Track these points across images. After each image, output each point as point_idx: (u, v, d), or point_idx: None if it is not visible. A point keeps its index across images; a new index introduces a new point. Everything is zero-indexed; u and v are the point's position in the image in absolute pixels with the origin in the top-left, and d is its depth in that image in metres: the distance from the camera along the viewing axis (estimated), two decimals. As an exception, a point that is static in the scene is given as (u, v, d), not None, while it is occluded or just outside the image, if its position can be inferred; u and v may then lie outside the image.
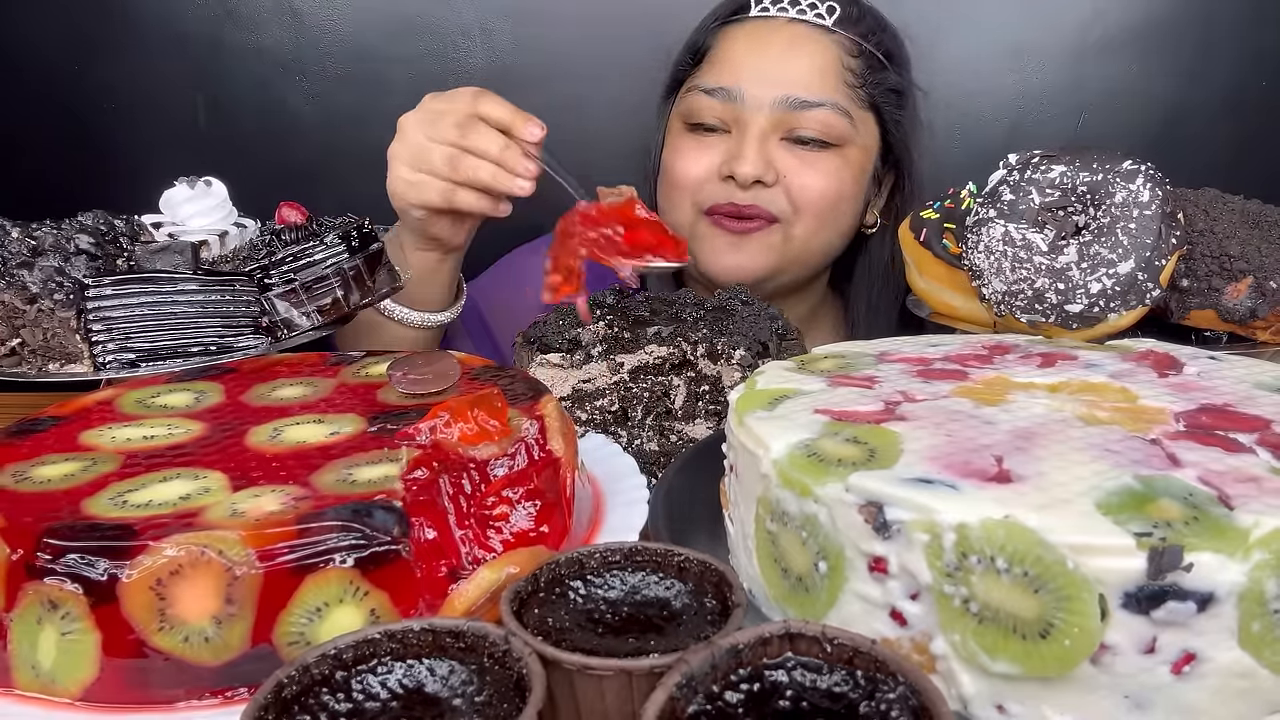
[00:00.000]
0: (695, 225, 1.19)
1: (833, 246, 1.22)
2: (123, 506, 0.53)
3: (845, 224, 1.21)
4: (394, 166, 1.02)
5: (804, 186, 1.14)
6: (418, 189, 1.00)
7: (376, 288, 0.95)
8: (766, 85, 1.13)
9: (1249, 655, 0.45)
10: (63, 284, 0.78)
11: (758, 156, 1.12)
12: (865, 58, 1.17)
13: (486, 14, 1.68)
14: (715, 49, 1.19)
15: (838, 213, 1.18)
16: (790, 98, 1.12)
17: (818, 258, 1.22)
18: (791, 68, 1.14)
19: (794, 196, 1.15)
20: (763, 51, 1.15)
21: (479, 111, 0.99)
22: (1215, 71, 1.62)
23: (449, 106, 1.00)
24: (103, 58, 1.73)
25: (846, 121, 1.14)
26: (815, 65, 1.14)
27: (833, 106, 1.13)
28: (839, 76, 1.15)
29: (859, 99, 1.17)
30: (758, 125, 1.13)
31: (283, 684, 0.41)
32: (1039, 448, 0.54)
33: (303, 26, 1.70)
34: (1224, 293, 0.84)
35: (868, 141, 1.19)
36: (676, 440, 0.87)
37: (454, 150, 0.97)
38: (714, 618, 0.48)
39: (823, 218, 1.17)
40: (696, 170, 1.17)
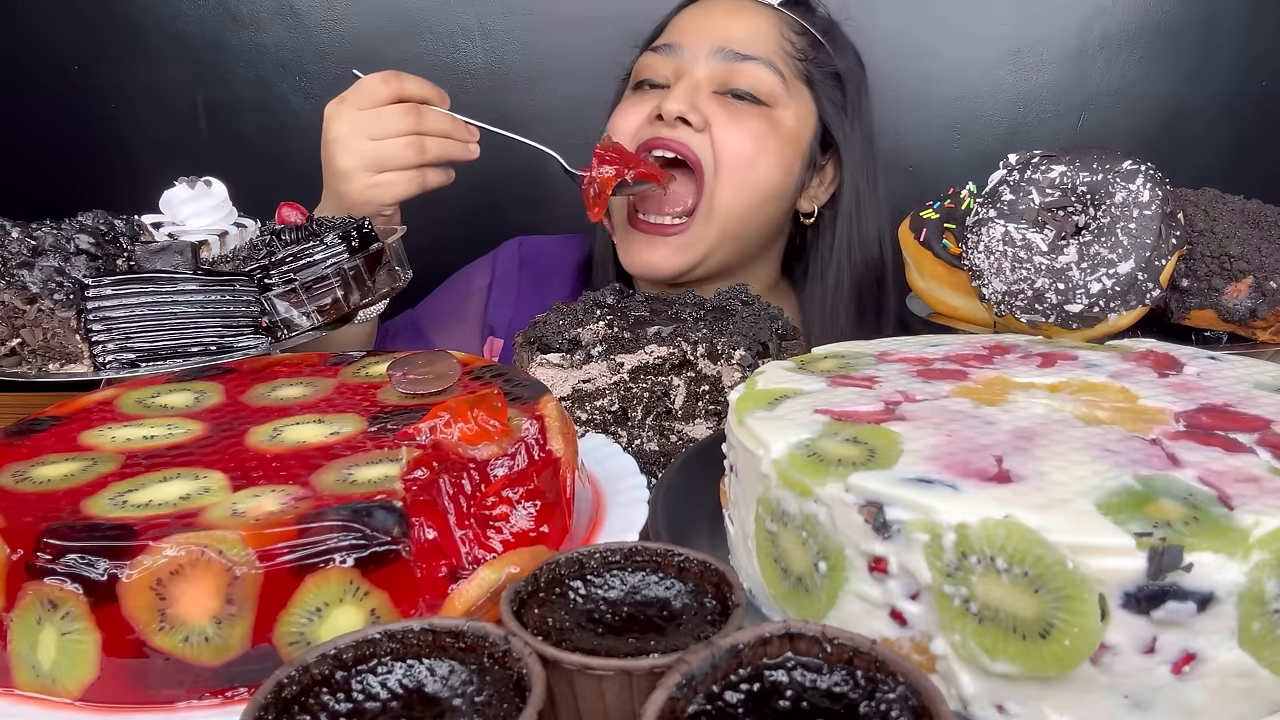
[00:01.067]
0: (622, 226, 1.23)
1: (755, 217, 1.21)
2: (123, 506, 0.53)
3: (768, 186, 1.20)
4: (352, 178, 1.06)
5: (725, 139, 1.16)
6: (390, 188, 1.06)
7: (376, 288, 0.96)
8: (706, 39, 1.19)
9: (1249, 655, 0.45)
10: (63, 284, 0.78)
11: (685, 96, 1.16)
12: (809, 39, 1.22)
13: (486, 14, 1.68)
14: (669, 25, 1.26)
15: (757, 173, 1.19)
16: (726, 49, 1.17)
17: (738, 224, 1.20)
18: (732, 25, 1.20)
19: (717, 147, 1.16)
20: (705, 16, 1.23)
21: (405, 93, 1.06)
22: (1215, 72, 1.62)
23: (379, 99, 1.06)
24: (104, 58, 1.73)
25: (778, 80, 1.18)
26: (755, 28, 1.20)
27: (767, 63, 1.18)
28: (778, 43, 1.20)
29: (796, 70, 1.21)
30: (694, 74, 1.18)
31: (283, 684, 0.41)
32: (1039, 448, 0.54)
33: (303, 26, 1.70)
34: (1224, 293, 0.84)
35: (800, 112, 1.21)
36: (676, 440, 0.87)
37: (415, 137, 1.05)
38: (714, 618, 0.48)
39: (742, 177, 1.18)
40: (630, 119, 1.21)
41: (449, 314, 1.34)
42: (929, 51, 1.66)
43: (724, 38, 1.18)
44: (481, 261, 1.38)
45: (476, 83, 1.71)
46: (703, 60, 1.18)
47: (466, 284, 1.36)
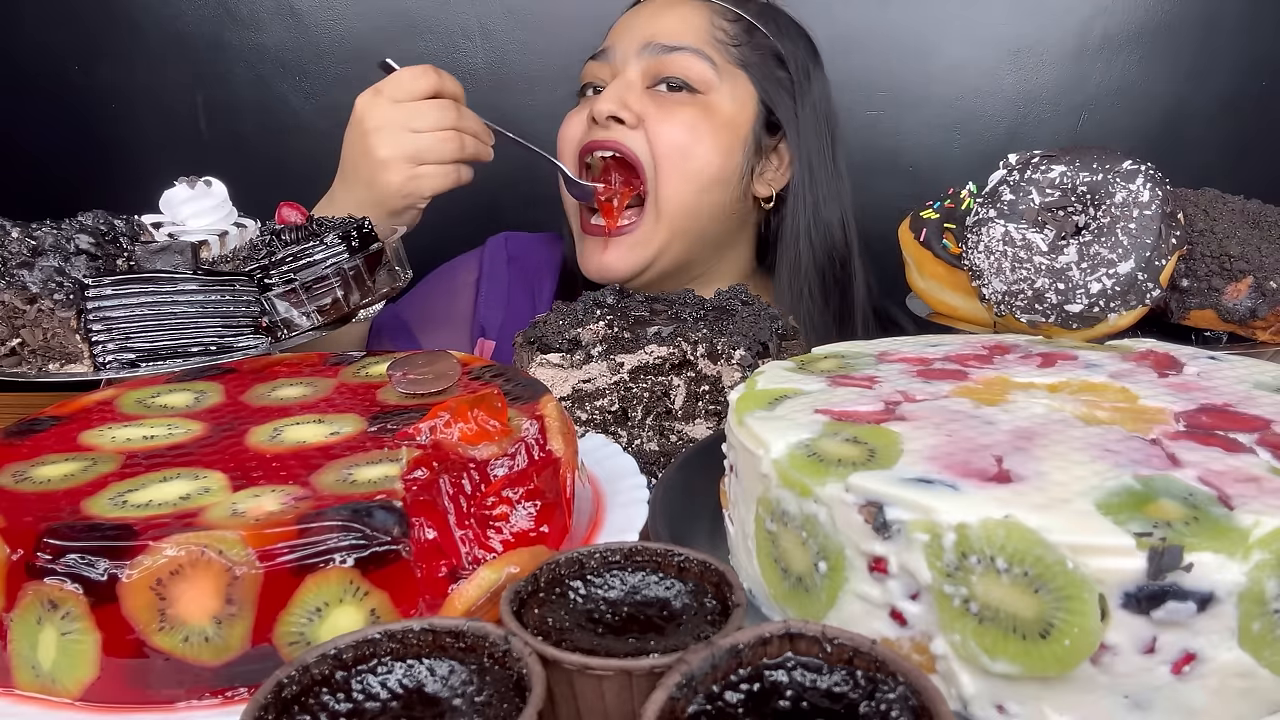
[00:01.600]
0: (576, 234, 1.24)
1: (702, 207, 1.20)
2: (123, 506, 0.53)
3: (709, 173, 1.19)
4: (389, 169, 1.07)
5: (659, 132, 1.16)
6: (429, 180, 1.08)
7: (376, 288, 0.96)
8: (635, 38, 1.20)
9: (1249, 655, 0.45)
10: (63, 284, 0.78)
11: (615, 95, 1.17)
12: (743, 25, 1.22)
13: (486, 14, 1.69)
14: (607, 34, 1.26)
15: (696, 161, 1.18)
16: (654, 43, 1.18)
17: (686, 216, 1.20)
18: (660, 21, 1.20)
19: (652, 140, 1.17)
20: (637, 14, 1.24)
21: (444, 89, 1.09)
22: (1215, 72, 1.63)
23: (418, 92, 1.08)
24: (104, 58, 1.73)
25: (709, 66, 1.18)
26: (682, 19, 1.20)
27: (695, 52, 1.18)
28: (708, 32, 1.20)
29: (729, 56, 1.20)
30: (625, 75, 1.19)
31: (283, 684, 0.41)
32: (1039, 448, 0.54)
33: (303, 26, 1.70)
34: (1224, 293, 0.84)
35: (737, 95, 1.21)
36: (676, 440, 0.87)
37: (455, 133, 1.08)
38: (714, 618, 0.48)
39: (681, 167, 1.17)
40: (574, 127, 1.22)
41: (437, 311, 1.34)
42: (929, 51, 1.66)
43: (651, 33, 1.19)
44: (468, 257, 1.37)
45: (476, 83, 1.71)
46: (633, 58, 1.19)
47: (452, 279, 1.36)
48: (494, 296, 1.33)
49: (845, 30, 1.64)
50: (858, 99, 1.67)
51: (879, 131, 1.69)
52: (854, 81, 1.65)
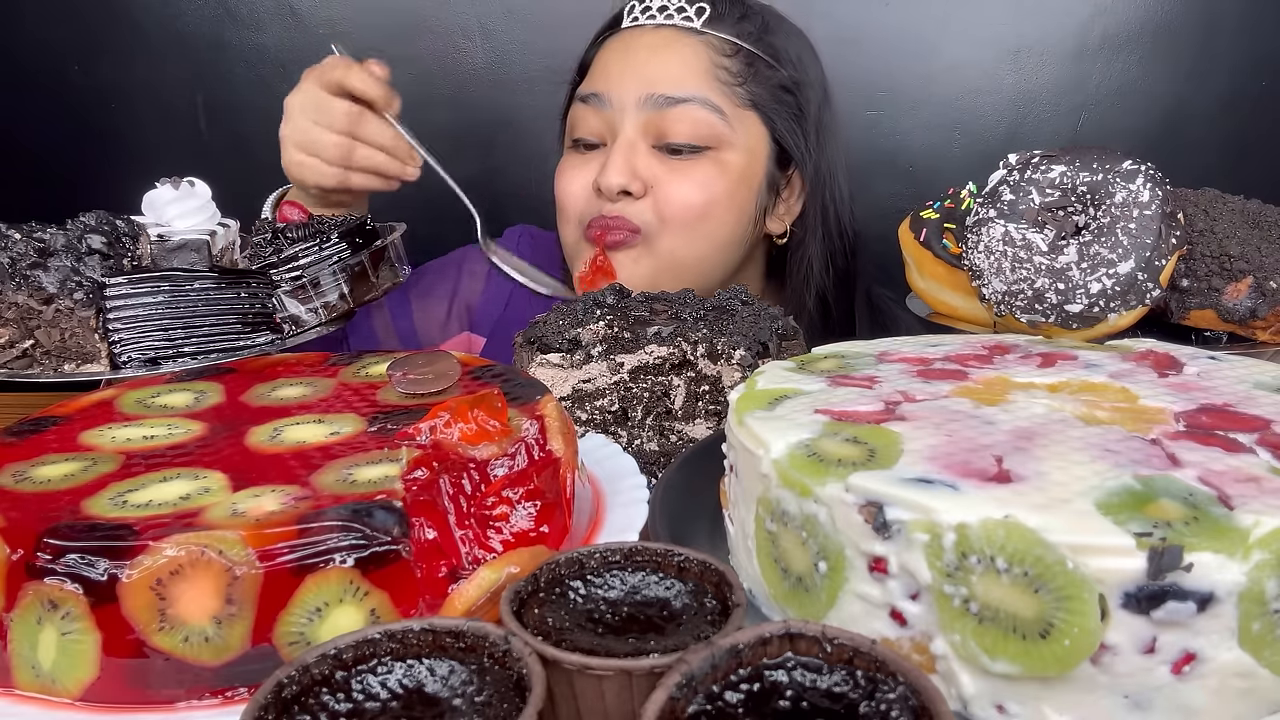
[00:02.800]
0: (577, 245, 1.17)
1: (711, 259, 1.16)
2: (123, 506, 0.53)
3: (722, 234, 1.15)
4: (285, 148, 1.08)
5: (670, 198, 1.10)
6: (310, 172, 1.07)
7: (379, 283, 0.96)
8: (632, 85, 1.11)
9: (1249, 655, 0.45)
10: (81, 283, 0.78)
11: (623, 165, 1.09)
12: (743, 56, 1.13)
13: (486, 14, 1.69)
14: (593, 63, 1.18)
15: (710, 223, 1.13)
16: (655, 95, 1.09)
17: (692, 270, 1.14)
18: (657, 65, 1.11)
19: (660, 208, 1.11)
20: (628, 56, 1.13)
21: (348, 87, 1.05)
22: (1215, 72, 1.63)
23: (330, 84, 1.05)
24: (104, 58, 1.73)
25: (718, 118, 1.10)
26: (682, 63, 1.11)
27: (702, 102, 1.09)
28: (710, 74, 1.11)
29: (736, 97, 1.12)
30: (626, 133, 1.11)
31: (283, 684, 0.41)
32: (1039, 448, 0.54)
33: (303, 26, 1.70)
34: (1224, 293, 0.84)
35: (750, 143, 1.14)
36: (676, 440, 0.87)
37: (346, 140, 1.05)
38: (714, 618, 0.48)
39: (690, 228, 1.11)
40: (574, 187, 1.15)
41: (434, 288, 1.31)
42: (929, 51, 1.66)
43: (650, 81, 1.10)
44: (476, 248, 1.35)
45: (476, 83, 1.71)
46: (631, 111, 1.10)
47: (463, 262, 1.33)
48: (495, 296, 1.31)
49: (845, 30, 1.64)
50: (858, 99, 1.66)
51: (879, 131, 1.69)
52: (854, 81, 1.65)
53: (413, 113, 1.70)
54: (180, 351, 0.80)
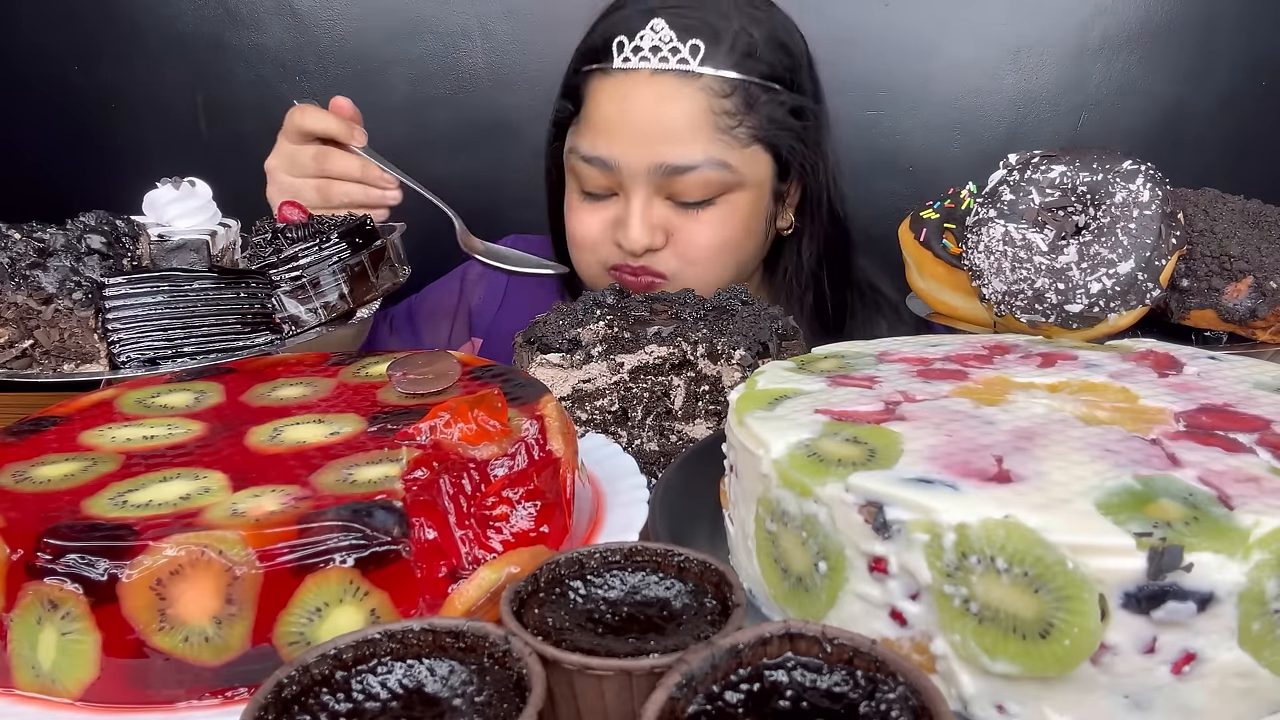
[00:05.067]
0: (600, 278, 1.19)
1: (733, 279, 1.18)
2: (123, 506, 0.53)
3: (743, 259, 1.18)
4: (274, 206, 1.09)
5: (691, 245, 1.13)
6: None
7: (379, 284, 0.96)
8: (639, 151, 1.09)
9: (1249, 655, 0.45)
10: (80, 283, 0.78)
11: (642, 225, 1.10)
12: (740, 92, 1.10)
13: (486, 14, 1.69)
14: (587, 101, 1.14)
15: (730, 255, 1.15)
16: (664, 165, 1.09)
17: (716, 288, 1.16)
18: (660, 128, 1.09)
19: (682, 253, 1.13)
20: (629, 113, 1.10)
21: (303, 129, 1.07)
22: (1215, 72, 1.62)
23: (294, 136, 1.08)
24: (104, 58, 1.73)
25: (727, 173, 1.10)
26: (685, 121, 1.08)
27: (709, 165, 1.09)
28: (712, 125, 1.09)
29: (739, 139, 1.11)
30: (640, 193, 1.11)
31: (283, 684, 0.41)
32: (1039, 448, 0.54)
33: (303, 26, 1.70)
34: (1224, 293, 0.84)
35: (757, 176, 1.14)
36: (676, 440, 0.87)
37: (320, 181, 1.06)
38: (714, 618, 0.48)
39: (713, 264, 1.14)
40: (592, 232, 1.16)
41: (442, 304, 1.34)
42: (929, 51, 1.66)
43: (656, 149, 1.09)
44: None
45: (476, 83, 1.71)
46: (642, 178, 1.10)
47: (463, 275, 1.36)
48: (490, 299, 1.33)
49: (845, 30, 1.63)
50: (858, 99, 1.66)
51: (879, 131, 1.69)
52: (854, 81, 1.65)
53: (413, 113, 1.72)
54: (180, 352, 0.80)
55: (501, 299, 1.33)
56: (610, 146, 1.11)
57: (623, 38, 1.10)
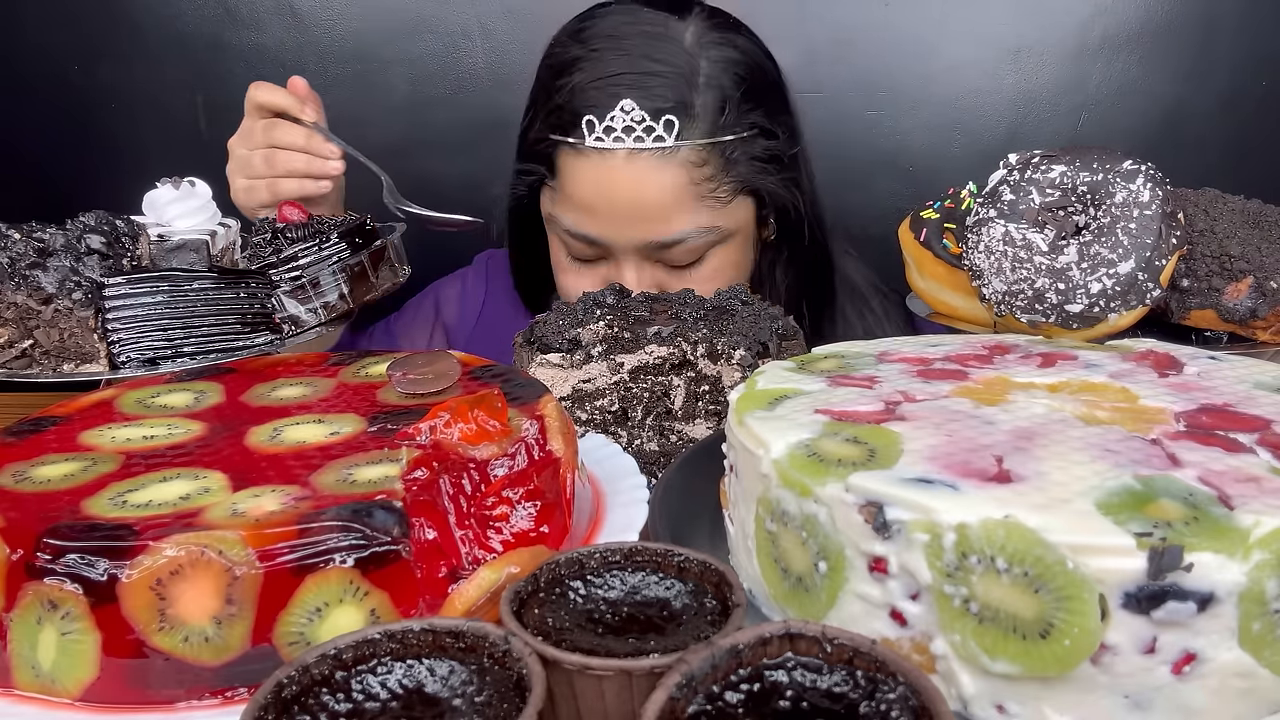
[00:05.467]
0: None
1: None
2: (123, 506, 0.53)
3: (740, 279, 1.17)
4: (231, 183, 1.12)
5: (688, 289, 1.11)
6: (250, 193, 1.10)
7: (379, 283, 0.96)
8: (624, 229, 1.08)
9: (1249, 655, 0.45)
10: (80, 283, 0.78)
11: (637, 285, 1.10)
12: (716, 153, 1.08)
13: (486, 14, 1.68)
14: (561, 174, 1.10)
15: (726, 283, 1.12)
16: (651, 242, 1.08)
17: None
18: (644, 208, 1.07)
19: None
20: (610, 194, 1.07)
21: (258, 102, 1.09)
22: (1215, 72, 1.62)
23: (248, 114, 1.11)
24: (104, 58, 1.73)
25: (713, 234, 1.10)
26: (668, 198, 1.06)
27: (695, 234, 1.09)
28: (694, 196, 1.07)
29: (719, 198, 1.09)
30: (630, 263, 1.11)
31: (282, 684, 0.41)
32: (1039, 448, 0.54)
33: (303, 26, 1.70)
34: (1224, 293, 0.84)
35: (742, 221, 1.13)
36: (676, 440, 0.87)
37: (267, 150, 1.08)
38: (714, 618, 0.48)
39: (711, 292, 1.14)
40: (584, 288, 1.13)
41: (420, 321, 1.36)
42: (929, 51, 1.65)
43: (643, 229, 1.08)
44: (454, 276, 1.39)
45: (476, 83, 1.71)
46: (632, 254, 1.10)
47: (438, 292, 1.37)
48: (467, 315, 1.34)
49: (845, 30, 1.63)
50: (858, 99, 1.66)
51: (879, 131, 1.69)
52: (854, 81, 1.65)
53: (413, 113, 1.71)
54: (179, 351, 0.80)
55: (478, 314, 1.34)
56: (594, 225, 1.09)
57: (592, 117, 1.05)
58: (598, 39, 1.09)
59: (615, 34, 1.09)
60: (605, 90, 1.06)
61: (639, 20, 1.10)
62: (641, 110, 1.04)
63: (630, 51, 1.07)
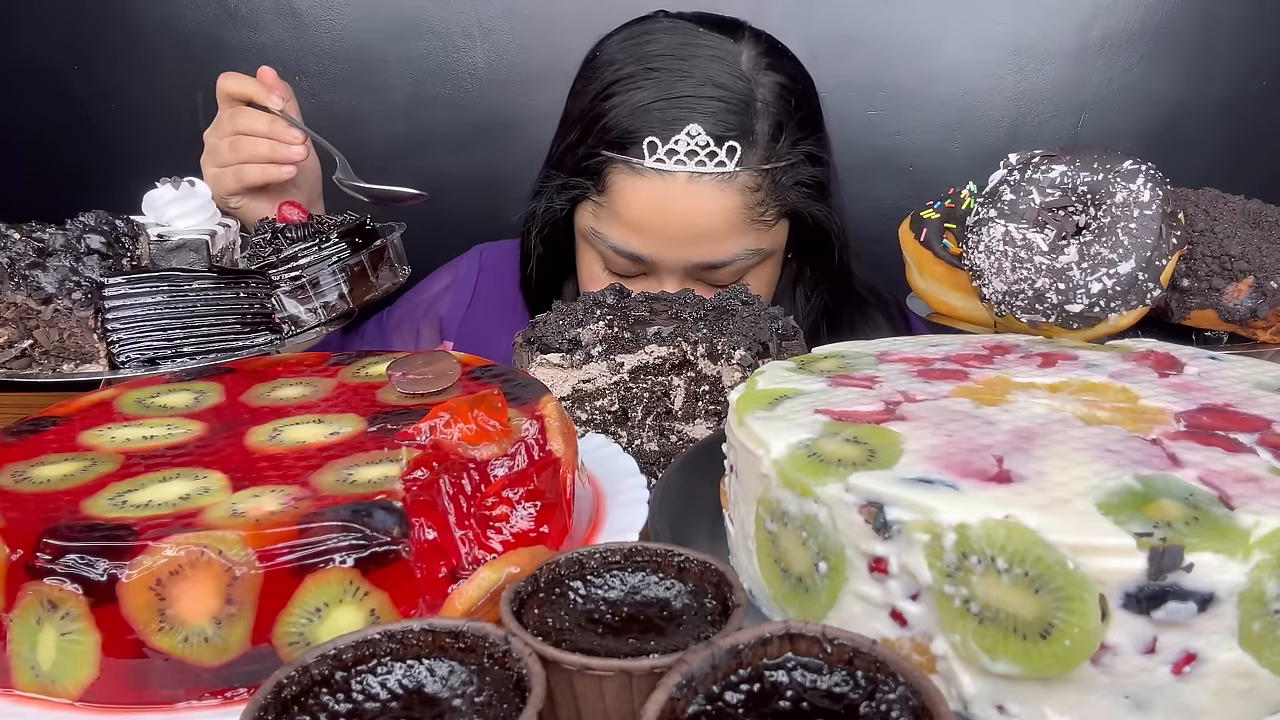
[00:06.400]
0: None
1: None
2: (122, 507, 0.53)
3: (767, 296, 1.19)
4: (204, 173, 1.12)
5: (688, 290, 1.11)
6: (219, 182, 1.10)
7: (379, 283, 0.96)
8: (674, 250, 1.09)
9: (1249, 655, 0.45)
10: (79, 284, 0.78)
11: None
12: (769, 178, 1.09)
13: (486, 14, 1.68)
14: (613, 191, 1.09)
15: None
16: (701, 263, 1.09)
17: None
18: (698, 232, 1.07)
19: None
20: (665, 214, 1.07)
21: (226, 91, 1.11)
22: (1215, 72, 1.62)
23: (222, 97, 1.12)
24: (104, 58, 1.73)
25: (758, 256, 1.11)
26: (722, 223, 1.07)
27: (744, 256, 1.10)
28: (746, 220, 1.08)
29: (766, 223, 1.10)
30: (671, 282, 1.11)
31: (282, 684, 0.41)
32: (1039, 448, 0.54)
33: (303, 26, 1.70)
34: (1224, 293, 0.84)
35: (780, 239, 1.15)
36: (676, 440, 0.87)
37: (233, 137, 1.09)
38: (714, 618, 0.48)
39: None
40: None
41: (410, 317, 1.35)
42: (929, 51, 1.66)
43: (694, 250, 1.08)
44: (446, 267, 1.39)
45: (476, 83, 1.71)
46: (676, 273, 1.10)
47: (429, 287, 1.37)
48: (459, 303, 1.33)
49: (845, 30, 1.63)
50: (858, 99, 1.66)
51: (879, 131, 1.69)
52: (854, 81, 1.65)
53: (413, 113, 1.71)
54: (179, 351, 0.80)
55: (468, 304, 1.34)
56: (644, 244, 1.09)
57: (654, 139, 1.05)
58: (658, 58, 1.08)
59: (676, 54, 1.08)
60: (669, 112, 1.05)
61: (698, 41, 1.09)
62: (707, 135, 1.04)
63: (693, 74, 1.07)
